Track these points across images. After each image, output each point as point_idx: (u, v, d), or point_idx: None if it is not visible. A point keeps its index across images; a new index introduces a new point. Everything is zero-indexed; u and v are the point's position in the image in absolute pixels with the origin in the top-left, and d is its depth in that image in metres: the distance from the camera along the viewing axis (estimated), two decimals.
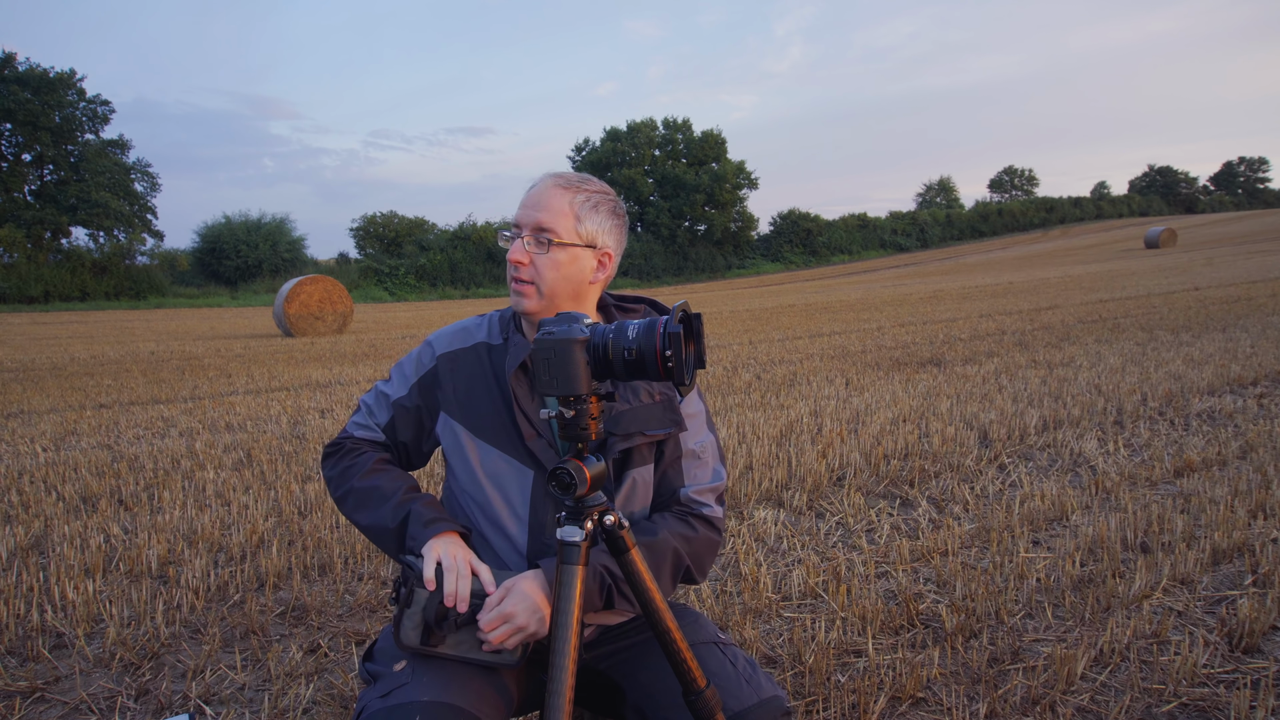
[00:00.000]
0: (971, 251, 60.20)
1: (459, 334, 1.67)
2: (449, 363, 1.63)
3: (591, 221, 1.55)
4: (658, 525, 1.56)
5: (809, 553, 3.38)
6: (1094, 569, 3.08)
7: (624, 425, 1.53)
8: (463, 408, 1.60)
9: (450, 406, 1.62)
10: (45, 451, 5.82)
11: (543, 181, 1.57)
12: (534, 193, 1.56)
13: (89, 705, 2.42)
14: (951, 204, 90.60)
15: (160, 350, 14.68)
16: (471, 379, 1.61)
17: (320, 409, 7.30)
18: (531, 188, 1.57)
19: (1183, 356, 7.87)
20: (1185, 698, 2.24)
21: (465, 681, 1.43)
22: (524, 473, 1.55)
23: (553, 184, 1.55)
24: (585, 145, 63.78)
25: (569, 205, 1.54)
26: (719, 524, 1.61)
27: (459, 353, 1.64)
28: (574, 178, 1.57)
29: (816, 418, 5.85)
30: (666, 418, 1.56)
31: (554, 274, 1.53)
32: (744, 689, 1.47)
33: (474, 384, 1.61)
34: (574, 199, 1.54)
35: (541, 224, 1.52)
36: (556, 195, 1.54)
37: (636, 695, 1.53)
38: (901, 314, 15.49)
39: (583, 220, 1.54)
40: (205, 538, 3.75)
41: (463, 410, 1.60)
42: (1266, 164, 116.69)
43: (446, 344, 1.65)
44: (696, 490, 1.60)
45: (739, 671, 1.50)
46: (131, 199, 46.47)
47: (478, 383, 1.61)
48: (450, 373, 1.62)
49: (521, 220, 1.55)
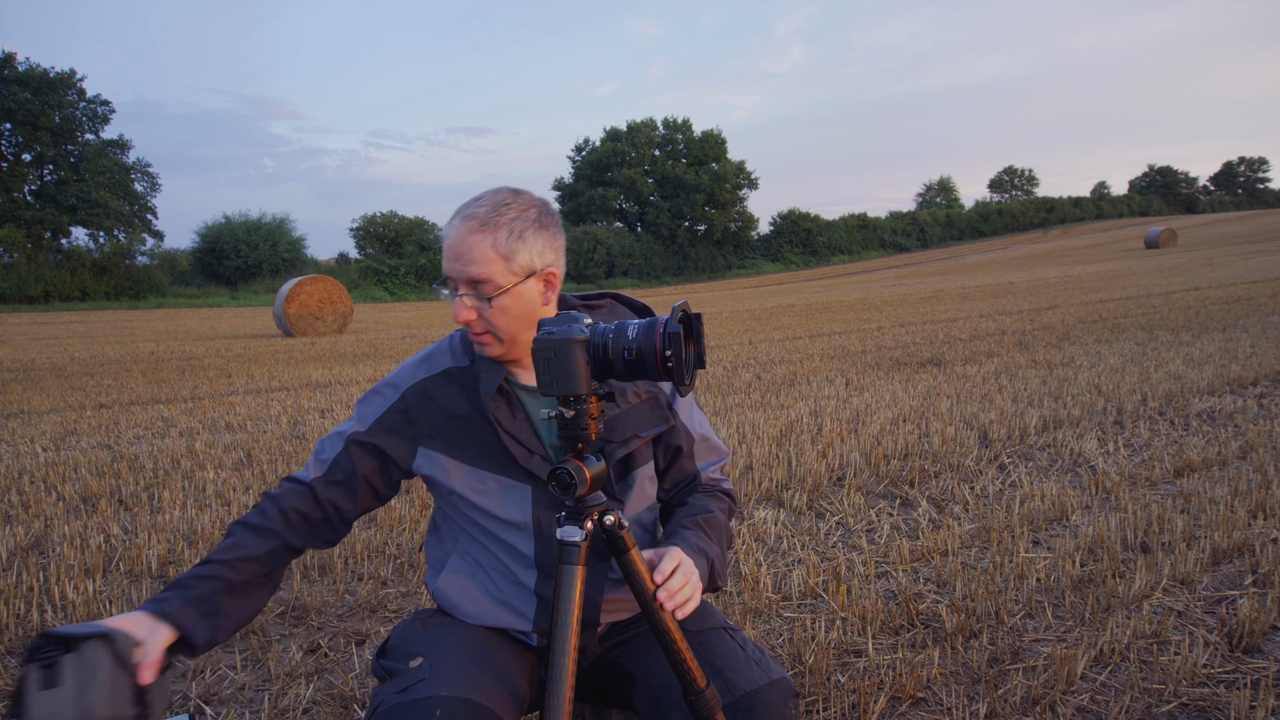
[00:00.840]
0: (971, 251, 60.21)
1: (423, 364, 1.61)
2: (419, 396, 1.57)
3: (522, 253, 1.45)
4: (704, 504, 1.62)
5: (809, 553, 3.38)
6: (1094, 569, 3.08)
7: (619, 431, 1.54)
8: (445, 438, 1.56)
9: (429, 440, 1.56)
10: (45, 451, 5.82)
11: (457, 229, 1.45)
12: (453, 243, 1.45)
13: None
14: (951, 204, 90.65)
15: (160, 350, 14.68)
16: (447, 406, 1.56)
17: (320, 409, 7.30)
18: (447, 235, 1.46)
19: (1183, 356, 7.87)
20: (1185, 698, 2.24)
21: (482, 678, 1.45)
22: (522, 489, 1.54)
23: (468, 230, 1.44)
24: (585, 145, 63.83)
25: (493, 249, 1.43)
26: (735, 495, 1.74)
27: (427, 382, 1.58)
28: (486, 212, 1.45)
29: (816, 418, 5.85)
30: (656, 415, 1.59)
31: (505, 319, 1.46)
32: (754, 670, 1.49)
33: (451, 411, 1.56)
34: (495, 239, 1.43)
35: (473, 277, 1.44)
36: (477, 243, 1.43)
37: (647, 681, 1.55)
38: (901, 314, 15.49)
39: (513, 257, 1.44)
40: (205, 538, 3.75)
41: (445, 440, 1.56)
42: (1266, 164, 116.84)
43: (411, 376, 1.60)
44: (714, 470, 1.70)
45: (748, 655, 1.53)
46: (131, 199, 46.51)
47: (454, 409, 1.56)
48: (423, 405, 1.57)
49: (452, 275, 1.46)
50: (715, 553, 1.53)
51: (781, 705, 1.47)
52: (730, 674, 1.47)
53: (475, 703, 1.39)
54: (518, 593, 1.57)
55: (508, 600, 1.58)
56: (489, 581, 1.60)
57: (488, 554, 1.60)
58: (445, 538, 1.67)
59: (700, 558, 1.47)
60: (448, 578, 1.63)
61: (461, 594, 1.61)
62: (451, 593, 1.62)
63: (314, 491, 1.55)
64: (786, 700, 1.48)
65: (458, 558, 1.63)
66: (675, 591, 1.34)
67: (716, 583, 1.53)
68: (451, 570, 1.63)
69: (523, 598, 1.57)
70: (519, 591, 1.57)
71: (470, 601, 1.60)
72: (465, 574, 1.62)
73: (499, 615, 1.59)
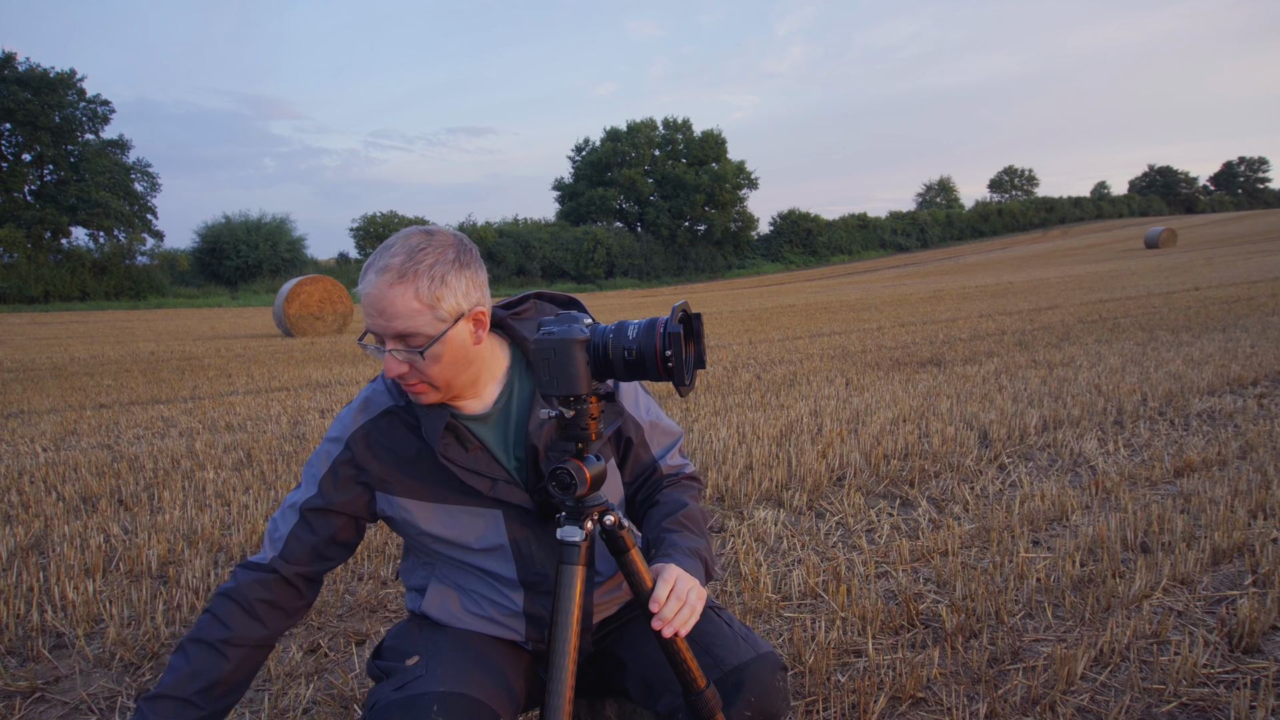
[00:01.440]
0: (971, 251, 60.21)
1: (360, 410, 1.55)
2: (362, 442, 1.51)
3: (448, 298, 1.37)
4: (677, 498, 1.61)
5: (809, 553, 3.38)
6: (1094, 569, 3.08)
7: None
8: (400, 481, 1.51)
9: (385, 484, 1.52)
10: (45, 451, 5.82)
11: (375, 284, 1.36)
12: (373, 299, 1.36)
13: (89, 705, 2.41)
14: (951, 204, 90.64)
15: (160, 350, 14.68)
16: (395, 448, 1.51)
17: (320, 409, 7.31)
18: (364, 290, 1.37)
19: (1183, 356, 7.87)
20: (1185, 698, 2.24)
21: (479, 675, 1.45)
22: (492, 514, 1.51)
23: (386, 284, 1.34)
24: (585, 145, 63.86)
25: (416, 299, 1.35)
26: (699, 475, 1.74)
27: (368, 426, 1.52)
28: (402, 261, 1.35)
29: (816, 418, 5.85)
30: (611, 411, 1.57)
31: (439, 368, 1.40)
32: (741, 646, 1.52)
33: (400, 453, 1.51)
34: (418, 289, 1.34)
35: (400, 332, 1.36)
36: (398, 295, 1.34)
37: (638, 666, 1.57)
38: (901, 314, 15.49)
39: (438, 305, 1.36)
40: (205, 538, 3.75)
41: (401, 483, 1.51)
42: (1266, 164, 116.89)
43: (350, 424, 1.54)
44: (672, 455, 1.69)
45: (735, 631, 1.56)
46: (131, 199, 46.50)
47: (403, 450, 1.51)
48: (369, 451, 1.51)
49: (377, 330, 1.38)
50: (703, 546, 1.53)
51: (770, 677, 1.48)
52: (718, 650, 1.49)
53: (471, 698, 1.39)
54: (505, 613, 1.57)
55: (495, 619, 1.57)
56: (473, 604, 1.58)
57: (469, 577, 1.58)
58: (422, 564, 1.65)
59: (694, 560, 1.47)
60: (430, 603, 1.61)
61: (447, 617, 1.60)
62: (438, 615, 1.60)
63: (276, 572, 1.50)
64: (775, 672, 1.49)
65: (437, 584, 1.61)
66: (670, 619, 1.33)
67: (711, 574, 1.53)
68: (433, 596, 1.61)
69: (510, 617, 1.57)
70: (506, 612, 1.56)
71: (457, 623, 1.59)
72: (448, 598, 1.60)
73: (489, 630, 1.59)
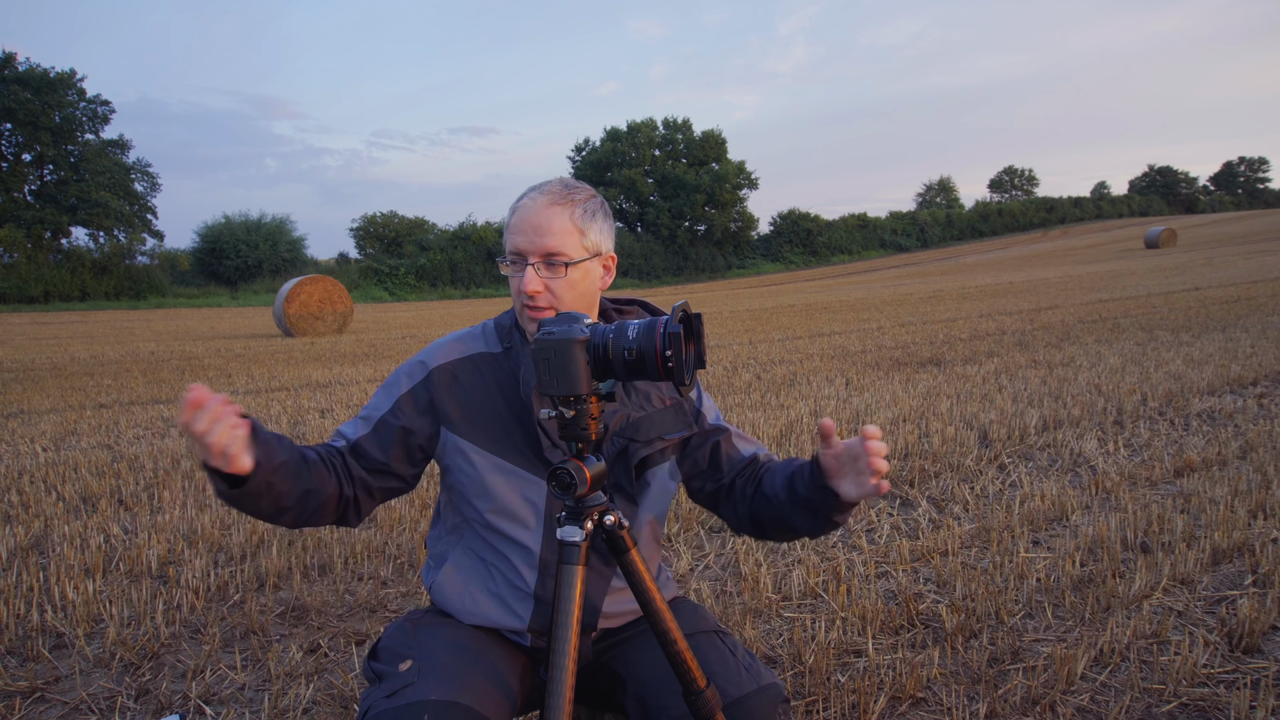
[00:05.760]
0: (971, 251, 60.19)
1: (454, 344, 1.61)
2: (446, 376, 1.56)
3: (593, 231, 1.52)
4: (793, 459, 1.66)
5: (809, 553, 3.38)
6: (1094, 569, 3.08)
7: (644, 432, 1.57)
8: (471, 423, 1.55)
9: (455, 424, 1.55)
10: (45, 451, 5.82)
11: (535, 202, 1.49)
12: (530, 216, 1.48)
13: (89, 705, 2.42)
14: (951, 204, 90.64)
15: (160, 350, 14.68)
16: (474, 391, 1.56)
17: (320, 409, 7.30)
18: (520, 210, 1.50)
19: (1183, 356, 7.87)
20: (1185, 698, 2.24)
21: (473, 680, 1.43)
22: (537, 483, 1.55)
23: (547, 202, 1.49)
24: (585, 145, 63.82)
25: (570, 221, 1.48)
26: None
27: (457, 364, 1.57)
28: (562, 190, 1.51)
29: (816, 418, 5.85)
30: (680, 420, 1.62)
31: (571, 294, 1.50)
32: (743, 676, 1.50)
33: (478, 397, 1.56)
34: (573, 213, 1.49)
35: (550, 249, 1.47)
36: (556, 214, 1.48)
37: (637, 684, 1.55)
38: (901, 314, 15.49)
39: (586, 232, 1.50)
40: (205, 538, 3.75)
41: (470, 426, 1.55)
42: (1266, 164, 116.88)
43: (443, 355, 1.58)
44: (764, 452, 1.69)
45: (738, 660, 1.53)
46: (131, 199, 46.53)
47: (482, 395, 1.56)
48: (449, 387, 1.56)
49: (525, 248, 1.48)
50: None
51: (771, 710, 1.47)
52: (720, 680, 1.47)
53: (464, 706, 1.37)
54: (516, 593, 1.57)
55: (505, 599, 1.58)
56: (488, 578, 1.60)
57: (491, 550, 1.60)
58: (450, 530, 1.67)
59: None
60: (447, 572, 1.63)
61: (458, 591, 1.61)
62: (449, 589, 1.62)
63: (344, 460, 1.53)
64: (776, 706, 1.48)
65: (460, 552, 1.63)
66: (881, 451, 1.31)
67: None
68: (452, 564, 1.63)
69: (520, 598, 1.57)
70: (517, 592, 1.57)
71: (467, 598, 1.60)
72: (465, 570, 1.62)
73: (494, 614, 1.58)
